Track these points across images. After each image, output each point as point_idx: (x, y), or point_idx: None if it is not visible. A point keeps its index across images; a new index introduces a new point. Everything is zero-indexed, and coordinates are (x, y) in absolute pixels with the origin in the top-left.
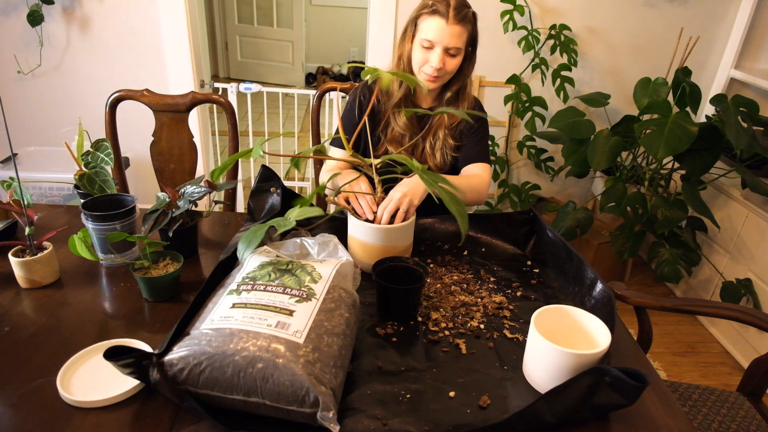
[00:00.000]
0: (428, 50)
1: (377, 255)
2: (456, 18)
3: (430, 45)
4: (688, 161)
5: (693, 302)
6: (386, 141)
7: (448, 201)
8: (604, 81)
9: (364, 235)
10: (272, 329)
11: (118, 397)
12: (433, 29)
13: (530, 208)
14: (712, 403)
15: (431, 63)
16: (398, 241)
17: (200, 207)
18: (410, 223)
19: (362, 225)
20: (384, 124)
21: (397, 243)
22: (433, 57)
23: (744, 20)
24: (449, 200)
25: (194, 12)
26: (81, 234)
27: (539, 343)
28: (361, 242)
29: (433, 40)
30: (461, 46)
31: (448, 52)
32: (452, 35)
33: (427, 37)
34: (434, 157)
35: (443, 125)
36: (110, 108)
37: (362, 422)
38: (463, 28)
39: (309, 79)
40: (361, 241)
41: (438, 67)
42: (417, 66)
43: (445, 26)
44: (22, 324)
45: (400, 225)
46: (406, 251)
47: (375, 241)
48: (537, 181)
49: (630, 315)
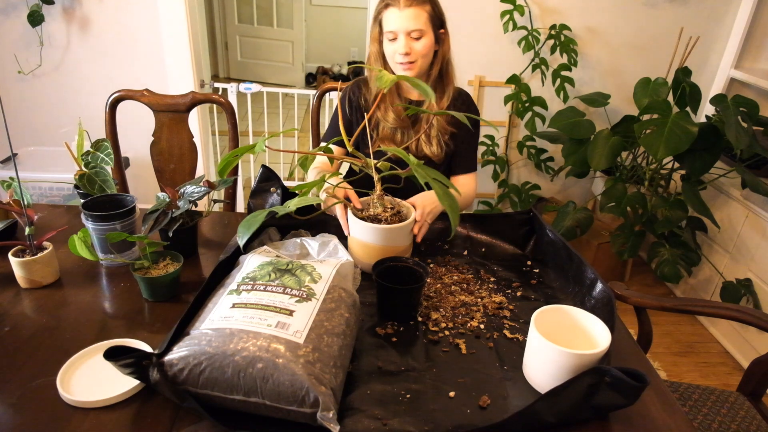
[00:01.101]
0: (394, 41)
1: (377, 255)
2: (407, 2)
3: (394, 36)
4: (688, 161)
5: (693, 302)
6: (378, 139)
7: (440, 195)
8: (604, 81)
9: (364, 235)
10: (272, 329)
11: (118, 397)
12: (391, 20)
13: (530, 208)
14: (712, 403)
15: (398, 50)
16: (398, 241)
17: (200, 207)
18: (410, 222)
19: (362, 225)
20: (375, 123)
21: (397, 243)
22: (398, 45)
23: (744, 20)
24: (442, 195)
25: (194, 12)
26: (81, 234)
27: (539, 343)
28: (361, 242)
29: (393, 30)
30: (422, 27)
31: (411, 36)
32: (408, 18)
33: (388, 29)
34: (431, 145)
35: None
36: (110, 108)
37: (362, 422)
38: (418, 9)
39: (309, 79)
40: (361, 241)
41: (405, 51)
42: (390, 60)
43: (399, 13)
44: (22, 324)
45: (400, 225)
46: (406, 251)
47: (375, 241)
48: (537, 181)
49: (630, 315)
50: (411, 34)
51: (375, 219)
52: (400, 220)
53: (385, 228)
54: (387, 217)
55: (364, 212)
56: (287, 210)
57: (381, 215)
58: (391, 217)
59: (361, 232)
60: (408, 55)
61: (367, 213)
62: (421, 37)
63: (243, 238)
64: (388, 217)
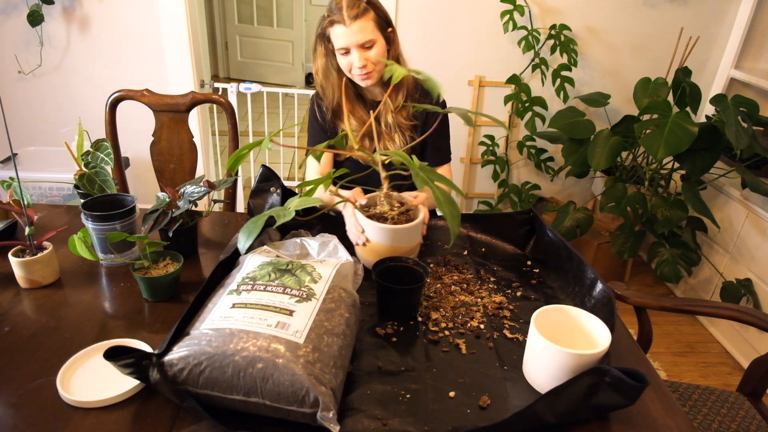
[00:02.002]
0: (347, 54)
1: (384, 255)
2: (351, 18)
3: (346, 50)
4: (688, 161)
5: (693, 302)
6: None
7: (440, 201)
8: (604, 81)
9: (371, 235)
10: (272, 329)
11: (118, 397)
12: (340, 37)
13: (530, 208)
14: (712, 403)
15: (355, 64)
16: (406, 242)
17: (200, 207)
18: (418, 223)
19: (370, 225)
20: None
21: (405, 243)
22: (353, 59)
23: (744, 20)
24: (443, 201)
25: (194, 12)
26: (81, 234)
27: (539, 343)
28: (375, 244)
29: (344, 46)
30: (372, 37)
31: (363, 47)
32: (356, 32)
33: (339, 45)
34: (393, 141)
35: (389, 110)
36: (110, 108)
37: (362, 422)
38: (363, 20)
39: (309, 79)
40: (375, 243)
41: (361, 65)
42: (347, 72)
43: (346, 30)
44: (22, 324)
45: (408, 225)
46: (413, 251)
47: (383, 241)
48: (537, 181)
49: (630, 315)
50: (363, 45)
51: (381, 218)
52: (408, 219)
53: (394, 229)
54: (394, 215)
55: (370, 210)
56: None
57: (387, 214)
58: (398, 216)
59: (369, 232)
60: (365, 67)
61: (374, 211)
62: (372, 45)
63: (244, 243)
64: (395, 215)
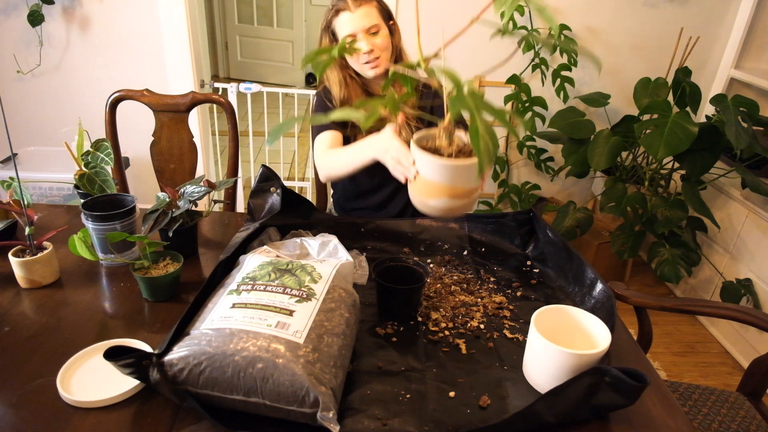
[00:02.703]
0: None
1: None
2: (355, 4)
3: (352, 38)
4: (688, 161)
5: (693, 302)
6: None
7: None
8: (604, 81)
9: (424, 170)
10: (272, 329)
11: (118, 397)
12: (346, 24)
13: (530, 208)
14: (712, 403)
15: (363, 49)
16: (465, 182)
17: (200, 207)
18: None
19: (425, 158)
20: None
21: (464, 184)
22: (360, 44)
23: (744, 20)
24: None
25: (194, 12)
26: (81, 234)
27: (539, 343)
28: (428, 181)
29: (351, 32)
30: (377, 22)
31: (369, 33)
32: (362, 17)
33: (345, 32)
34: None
35: None
36: (110, 108)
37: (362, 422)
38: (367, 6)
39: (309, 79)
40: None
41: (368, 49)
42: (354, 61)
43: (352, 15)
44: (22, 324)
45: (470, 161)
46: (470, 196)
47: (437, 179)
48: (537, 181)
49: (630, 315)
50: (369, 30)
51: (436, 152)
52: None
53: (454, 164)
54: (452, 152)
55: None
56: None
57: (444, 150)
58: (457, 154)
59: (421, 166)
60: (372, 52)
61: (430, 145)
62: (378, 31)
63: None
64: (453, 152)
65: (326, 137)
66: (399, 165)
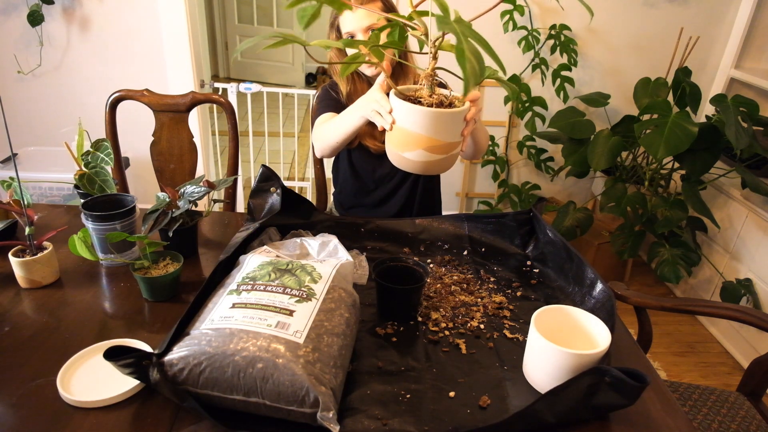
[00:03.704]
0: None
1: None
2: (358, 2)
3: (353, 36)
4: (688, 161)
5: (693, 302)
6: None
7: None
8: (604, 81)
9: (401, 119)
10: (272, 329)
11: (118, 397)
12: (347, 22)
13: (530, 208)
14: (712, 403)
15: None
16: (445, 134)
17: (200, 207)
18: (462, 110)
19: (402, 105)
20: None
21: (444, 136)
22: None
23: (744, 20)
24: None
25: (194, 12)
26: (81, 234)
27: (539, 343)
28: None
29: (350, 30)
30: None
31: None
32: (363, 17)
33: (346, 30)
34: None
35: None
36: (110, 108)
37: (362, 422)
38: (370, 5)
39: (309, 79)
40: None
41: None
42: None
43: (351, 14)
44: (22, 324)
45: (451, 110)
46: (451, 151)
47: (415, 128)
48: (537, 181)
49: (630, 315)
50: (369, 30)
51: (417, 101)
52: None
53: (432, 112)
54: (432, 103)
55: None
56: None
57: (425, 100)
58: (437, 106)
59: (398, 114)
60: None
61: (410, 94)
62: None
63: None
64: (434, 104)
65: (325, 117)
66: (377, 116)
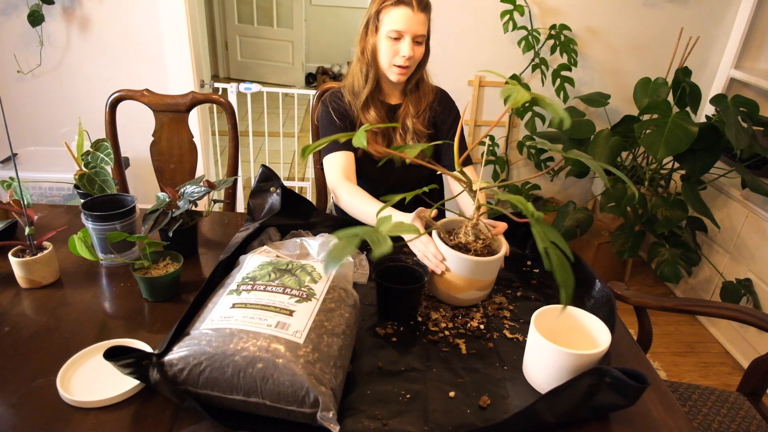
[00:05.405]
0: (397, 41)
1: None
2: (420, 6)
3: (399, 35)
4: (688, 161)
5: (693, 302)
6: None
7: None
8: (604, 81)
9: (452, 266)
10: (272, 329)
11: (118, 397)
12: (401, 19)
13: None
14: (712, 403)
15: (402, 53)
16: (487, 275)
17: (200, 207)
18: (500, 257)
19: (453, 255)
20: (358, 126)
21: (485, 276)
22: (403, 47)
23: (744, 20)
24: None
25: (194, 12)
26: (81, 234)
27: (539, 343)
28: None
29: (402, 30)
30: (425, 34)
31: (415, 41)
32: (419, 23)
33: (395, 27)
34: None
35: (409, 114)
36: (110, 108)
37: (362, 422)
38: (426, 15)
39: (309, 79)
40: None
41: (409, 56)
42: (386, 58)
43: (412, 15)
44: (22, 324)
45: (493, 258)
46: (490, 286)
47: (462, 273)
48: (537, 181)
49: (630, 315)
50: (416, 38)
51: (463, 248)
52: (490, 252)
53: (478, 261)
54: (477, 248)
55: (452, 239)
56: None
57: (471, 245)
58: (481, 249)
59: (451, 262)
60: (410, 59)
61: (457, 240)
62: (422, 43)
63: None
64: (479, 248)
65: (339, 158)
66: (426, 259)
